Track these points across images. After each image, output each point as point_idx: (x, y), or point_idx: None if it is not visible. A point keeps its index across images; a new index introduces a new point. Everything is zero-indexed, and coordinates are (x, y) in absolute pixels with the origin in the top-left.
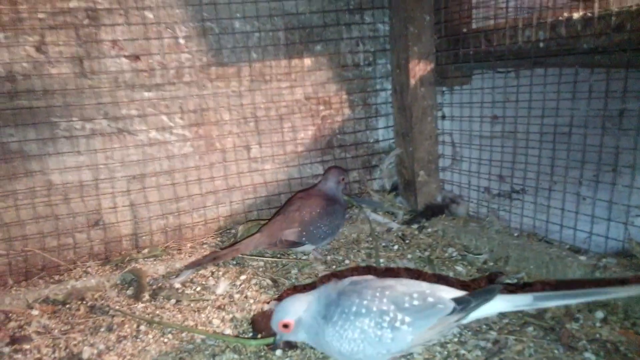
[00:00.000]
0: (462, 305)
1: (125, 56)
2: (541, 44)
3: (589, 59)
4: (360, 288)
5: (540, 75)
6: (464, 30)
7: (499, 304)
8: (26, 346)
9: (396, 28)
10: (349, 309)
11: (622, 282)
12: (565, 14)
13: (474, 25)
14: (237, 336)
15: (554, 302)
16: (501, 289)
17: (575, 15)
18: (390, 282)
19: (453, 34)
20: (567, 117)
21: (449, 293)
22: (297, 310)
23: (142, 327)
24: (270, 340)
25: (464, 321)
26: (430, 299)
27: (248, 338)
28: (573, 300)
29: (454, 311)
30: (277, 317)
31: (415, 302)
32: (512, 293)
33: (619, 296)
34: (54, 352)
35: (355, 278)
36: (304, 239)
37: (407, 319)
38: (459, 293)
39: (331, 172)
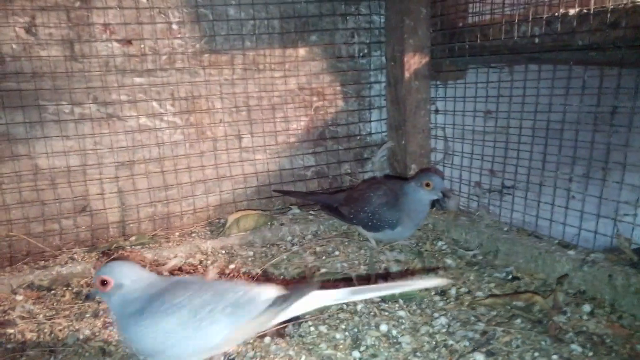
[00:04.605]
0: (278, 301)
1: (116, 40)
2: (536, 40)
3: (583, 55)
4: (178, 288)
5: (534, 71)
6: (460, 24)
7: (319, 299)
8: (10, 330)
9: (392, 20)
10: (158, 307)
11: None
12: (562, 10)
13: (470, 20)
14: None
15: (363, 295)
16: (319, 286)
17: (572, 12)
18: (210, 282)
19: (449, 28)
20: (559, 114)
21: (268, 290)
22: (126, 277)
23: None
24: None
25: (282, 317)
26: (247, 297)
27: None
28: (376, 293)
29: (270, 306)
30: (101, 271)
31: (232, 299)
32: (335, 288)
33: (411, 289)
34: (38, 337)
35: (180, 278)
36: (351, 216)
37: (221, 316)
38: (280, 291)
39: (419, 173)
